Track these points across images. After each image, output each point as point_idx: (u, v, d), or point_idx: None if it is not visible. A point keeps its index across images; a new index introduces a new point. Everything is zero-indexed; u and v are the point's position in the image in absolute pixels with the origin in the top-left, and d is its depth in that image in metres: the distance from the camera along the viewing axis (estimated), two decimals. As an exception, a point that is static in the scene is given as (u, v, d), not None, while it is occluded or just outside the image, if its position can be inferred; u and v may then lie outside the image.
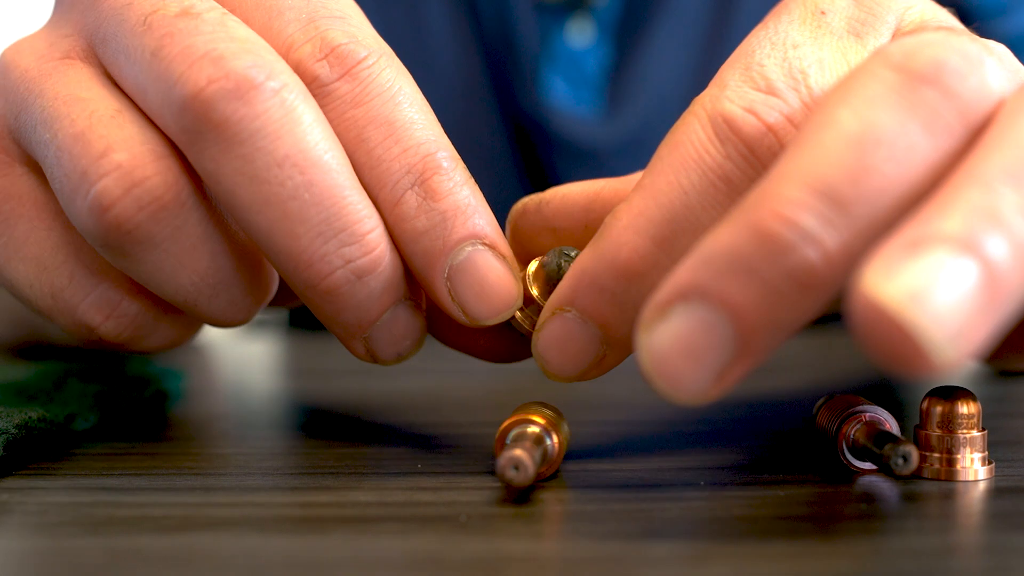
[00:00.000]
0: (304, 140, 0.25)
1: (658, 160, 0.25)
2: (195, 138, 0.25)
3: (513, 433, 0.26)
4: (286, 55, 0.26)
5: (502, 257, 0.26)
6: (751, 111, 0.24)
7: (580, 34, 0.62)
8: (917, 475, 0.26)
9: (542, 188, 0.62)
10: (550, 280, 0.26)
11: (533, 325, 0.27)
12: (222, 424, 0.36)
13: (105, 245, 0.26)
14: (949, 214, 0.19)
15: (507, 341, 0.29)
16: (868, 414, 0.26)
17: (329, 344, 0.28)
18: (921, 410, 0.26)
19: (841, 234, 0.20)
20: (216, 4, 0.27)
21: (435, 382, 0.41)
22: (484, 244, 0.26)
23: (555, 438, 0.26)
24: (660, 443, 0.30)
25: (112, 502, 0.24)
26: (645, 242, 0.24)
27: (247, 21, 0.27)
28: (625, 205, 0.25)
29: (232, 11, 0.27)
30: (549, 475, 0.26)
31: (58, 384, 0.33)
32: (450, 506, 0.24)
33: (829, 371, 0.44)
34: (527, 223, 0.30)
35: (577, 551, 0.21)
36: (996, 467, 0.26)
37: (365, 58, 0.26)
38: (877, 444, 0.24)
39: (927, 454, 0.26)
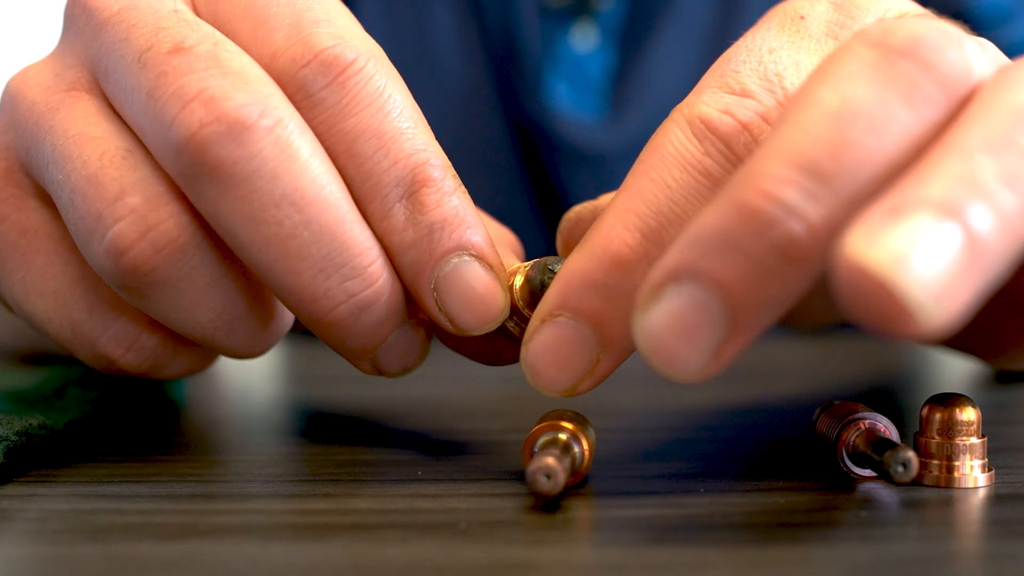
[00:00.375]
0: (301, 178, 0.25)
1: (640, 163, 0.25)
2: (192, 181, 0.25)
3: (542, 440, 0.26)
4: (272, 64, 0.26)
5: (489, 268, 0.26)
6: (727, 112, 0.25)
7: (584, 39, 0.62)
8: (917, 482, 0.26)
9: (545, 193, 0.63)
10: (535, 295, 0.26)
11: (516, 325, 0.27)
12: (223, 431, 0.36)
13: (122, 286, 0.26)
14: (930, 181, 0.19)
15: (496, 344, 0.29)
16: (868, 421, 0.26)
17: (330, 350, 0.28)
18: (921, 417, 0.26)
19: (824, 206, 0.20)
20: (209, 32, 0.26)
21: (436, 389, 0.41)
22: (471, 255, 0.26)
23: (584, 444, 0.26)
24: (659, 450, 0.30)
25: (112, 509, 0.24)
26: (634, 234, 0.24)
27: (235, 33, 0.27)
28: (610, 206, 0.25)
29: (220, 24, 0.27)
30: (577, 483, 0.26)
31: (59, 391, 0.33)
32: (450, 513, 0.24)
33: (829, 378, 0.44)
34: (583, 231, 0.30)
35: (577, 558, 0.21)
36: (996, 474, 0.26)
37: (353, 62, 0.26)
38: (877, 451, 0.24)
39: (927, 461, 0.26)
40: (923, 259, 0.18)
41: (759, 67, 0.25)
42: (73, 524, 0.23)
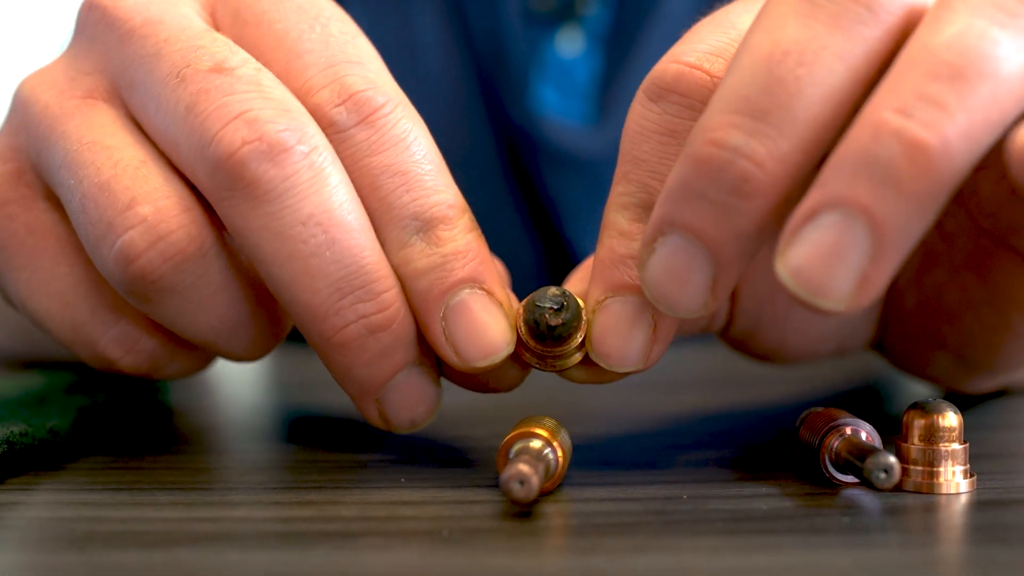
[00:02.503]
0: (329, 200, 0.26)
1: (620, 149, 0.27)
2: (226, 195, 0.26)
3: (516, 447, 0.26)
4: (305, 98, 0.27)
5: (498, 303, 0.27)
6: (673, 61, 0.26)
7: (570, 43, 0.62)
8: (899, 488, 0.26)
9: (532, 199, 0.63)
10: (533, 333, 0.27)
11: (538, 360, 0.27)
12: (205, 438, 0.36)
13: (129, 292, 0.27)
14: (838, 170, 0.21)
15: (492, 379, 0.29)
16: (850, 427, 0.26)
17: (313, 356, 0.28)
18: (903, 423, 0.26)
19: (770, 141, 0.22)
20: (249, 58, 0.27)
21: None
22: (481, 288, 0.27)
23: (558, 451, 0.26)
24: (641, 457, 0.30)
25: (94, 517, 0.24)
26: (626, 216, 0.26)
27: (268, 63, 0.28)
28: (607, 201, 0.27)
29: (248, 49, 0.28)
30: (552, 489, 0.26)
31: (41, 399, 0.32)
32: (433, 521, 0.24)
33: (811, 385, 0.44)
34: None
35: (559, 565, 0.21)
36: (978, 480, 0.26)
37: (383, 105, 0.27)
38: (859, 457, 0.24)
39: (909, 467, 0.26)
40: (826, 265, 0.21)
41: (712, 21, 0.27)
42: (54, 532, 0.23)
